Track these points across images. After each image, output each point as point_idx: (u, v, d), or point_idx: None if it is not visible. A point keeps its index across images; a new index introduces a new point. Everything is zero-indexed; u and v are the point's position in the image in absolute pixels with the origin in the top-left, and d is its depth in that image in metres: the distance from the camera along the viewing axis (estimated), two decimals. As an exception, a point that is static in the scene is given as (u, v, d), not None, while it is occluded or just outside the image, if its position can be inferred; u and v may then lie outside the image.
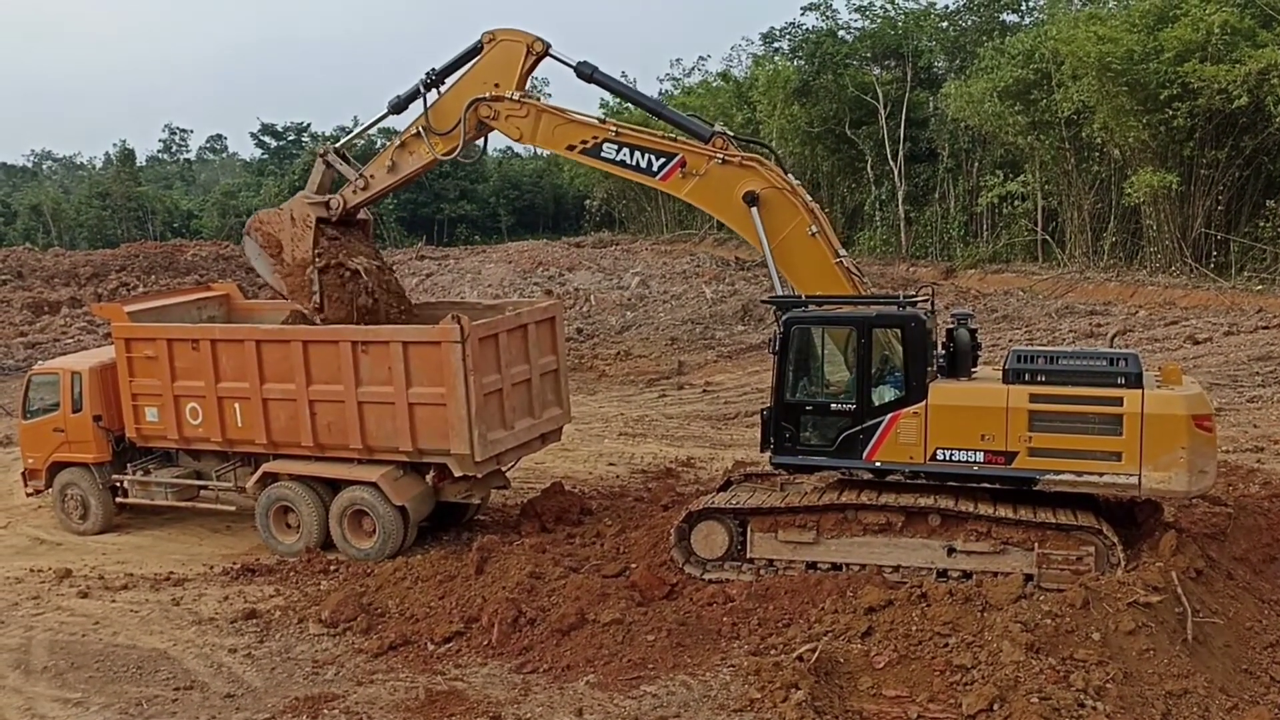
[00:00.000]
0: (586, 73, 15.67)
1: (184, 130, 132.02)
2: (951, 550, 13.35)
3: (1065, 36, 38.36)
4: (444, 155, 16.03)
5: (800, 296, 14.34)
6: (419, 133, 15.95)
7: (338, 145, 17.20)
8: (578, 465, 20.41)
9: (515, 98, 15.39)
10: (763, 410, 14.10)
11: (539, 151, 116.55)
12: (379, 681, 11.65)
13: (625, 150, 15.10)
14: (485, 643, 12.32)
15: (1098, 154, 41.50)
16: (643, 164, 15.04)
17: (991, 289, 42.19)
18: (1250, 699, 10.82)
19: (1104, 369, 13.01)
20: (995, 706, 10.28)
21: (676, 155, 14.91)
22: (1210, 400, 13.62)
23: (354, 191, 16.60)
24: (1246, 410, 22.26)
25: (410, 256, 64.92)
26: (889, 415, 13.41)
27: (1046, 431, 12.99)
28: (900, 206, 50.68)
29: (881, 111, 50.78)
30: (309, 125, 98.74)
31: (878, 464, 13.57)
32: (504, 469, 16.66)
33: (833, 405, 13.71)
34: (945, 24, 53.24)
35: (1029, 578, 12.93)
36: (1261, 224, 36.97)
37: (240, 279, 43.48)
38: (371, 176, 16.48)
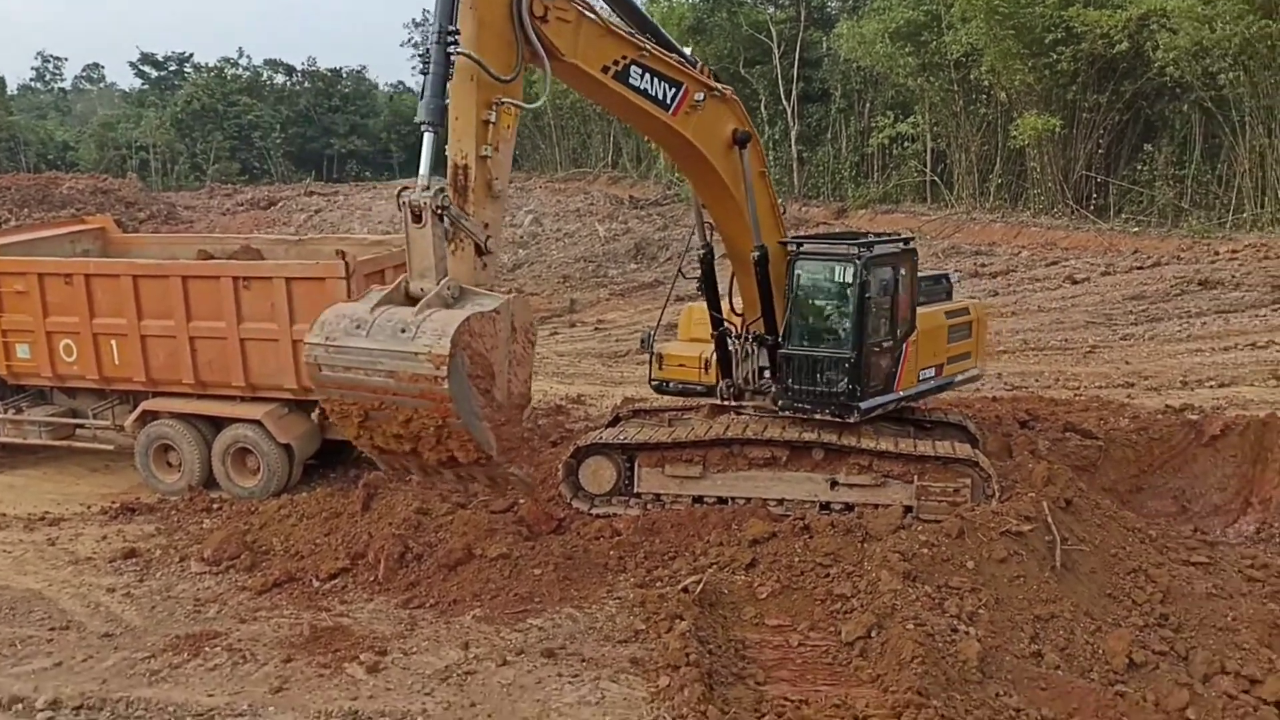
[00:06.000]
0: None
1: (58, 58, 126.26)
2: (834, 483, 13.64)
3: (955, -22, 38.76)
4: (530, 104, 10.84)
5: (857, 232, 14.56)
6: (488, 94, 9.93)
7: (444, 189, 9.54)
8: (467, 402, 20.28)
9: None
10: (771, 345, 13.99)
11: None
12: (263, 618, 11.53)
13: (648, 76, 11.96)
14: (371, 579, 12.25)
15: (985, 96, 42.17)
16: (657, 94, 12.10)
17: (882, 229, 42.75)
18: (1113, 622, 11.29)
19: (943, 287, 15.43)
20: (873, 633, 10.58)
21: (683, 84, 12.31)
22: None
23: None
24: (1119, 348, 23.02)
25: (298, 193, 63.47)
26: (905, 346, 13.95)
27: (950, 343, 14.74)
28: (793, 146, 50.95)
29: (775, 51, 50.81)
30: (191, 55, 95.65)
31: (900, 394, 14.14)
32: (392, 406, 16.49)
33: (884, 344, 13.78)
34: (839, -37, 53.40)
35: (908, 509, 13.29)
36: (1139, 167, 38.03)
37: (118, 213, 42.25)
38: (486, 226, 9.98)
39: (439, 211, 9.19)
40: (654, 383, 15.17)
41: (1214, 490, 15.60)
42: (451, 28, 9.43)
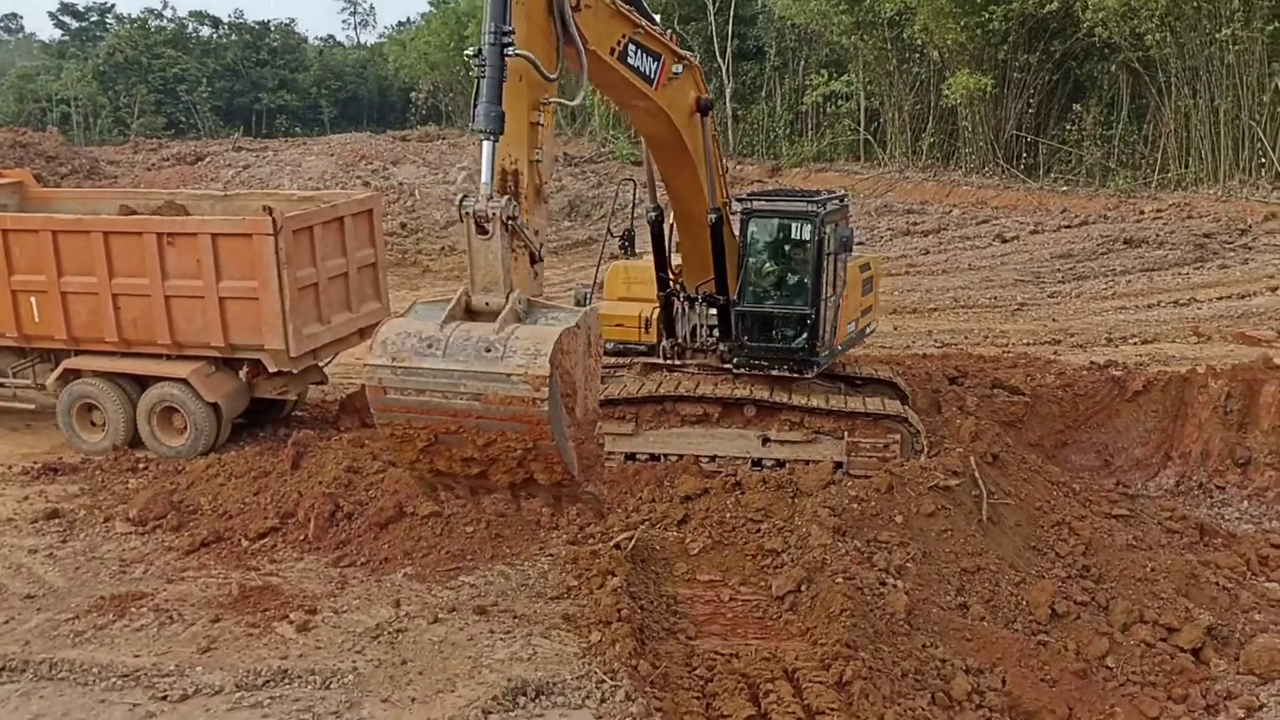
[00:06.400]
0: None
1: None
2: (766, 440, 13.75)
3: (889, -64, 38.78)
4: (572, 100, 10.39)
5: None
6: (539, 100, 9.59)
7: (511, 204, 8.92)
8: (399, 360, 20.08)
9: None
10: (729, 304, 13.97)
11: (361, 40, 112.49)
12: (190, 579, 11.40)
13: (639, 52, 11.42)
14: (301, 538, 12.16)
15: (918, 55, 42.32)
16: (644, 69, 11.58)
17: (816, 187, 42.82)
18: (1036, 573, 11.55)
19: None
20: (803, 587, 10.70)
21: (661, 56, 11.81)
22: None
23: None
24: (1047, 305, 23.37)
25: (226, 148, 62.24)
26: (841, 300, 14.12)
27: (863, 295, 14.95)
28: (728, 104, 50.85)
29: (710, 7, 50.56)
30: (113, 6, 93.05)
31: (839, 347, 14.38)
32: (321, 364, 16.33)
33: (831, 298, 13.92)
34: (774, -80, 53.11)
35: (839, 465, 13.43)
36: (1068, 127, 38.46)
37: (38, 167, 41.21)
38: (536, 233, 9.49)
39: (509, 222, 8.68)
40: None
41: (1136, 445, 15.97)
42: (507, 28, 8.81)
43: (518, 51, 8.87)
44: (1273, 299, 22.31)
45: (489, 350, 8.28)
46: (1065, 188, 36.66)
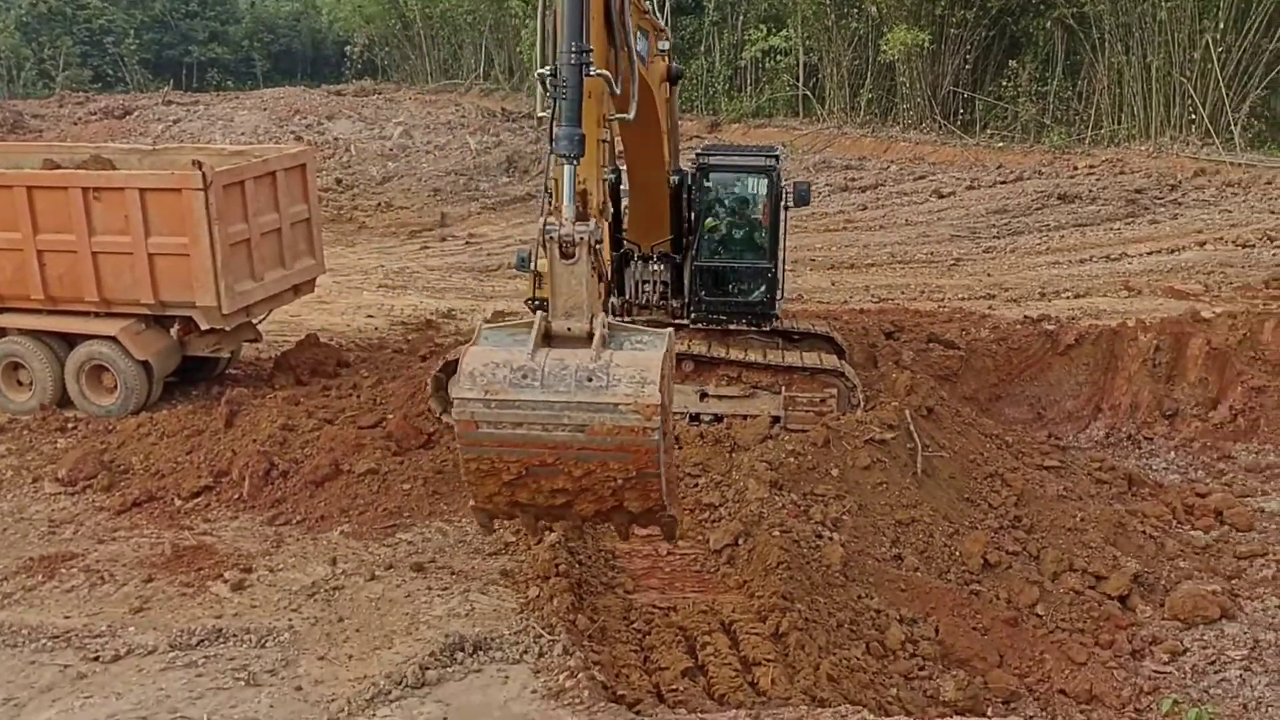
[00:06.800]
0: None
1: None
2: (704, 395, 13.79)
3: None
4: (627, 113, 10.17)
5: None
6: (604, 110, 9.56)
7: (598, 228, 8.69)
8: (335, 318, 19.92)
9: None
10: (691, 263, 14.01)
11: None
12: (122, 539, 11.26)
13: (640, 34, 11.18)
14: (236, 496, 12.05)
15: (856, 10, 42.28)
16: (642, 49, 11.22)
17: (755, 143, 42.81)
18: (970, 525, 11.73)
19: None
20: (740, 541, 10.79)
21: (649, 32, 11.80)
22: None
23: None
24: (982, 260, 23.58)
25: (156, 102, 60.95)
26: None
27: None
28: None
29: (648, -39, 50.19)
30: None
31: (782, 299, 14.67)
32: (255, 321, 16.10)
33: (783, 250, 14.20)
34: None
35: (776, 419, 13.51)
36: (1004, 83, 38.68)
37: (-40, 121, 40.11)
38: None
39: (596, 246, 8.27)
40: (535, 302, 14.92)
41: (1068, 397, 16.22)
42: (587, 47, 8.41)
43: (597, 71, 8.60)
44: (1201, 253, 22.69)
45: (590, 380, 7.90)
46: (1001, 143, 36.90)
